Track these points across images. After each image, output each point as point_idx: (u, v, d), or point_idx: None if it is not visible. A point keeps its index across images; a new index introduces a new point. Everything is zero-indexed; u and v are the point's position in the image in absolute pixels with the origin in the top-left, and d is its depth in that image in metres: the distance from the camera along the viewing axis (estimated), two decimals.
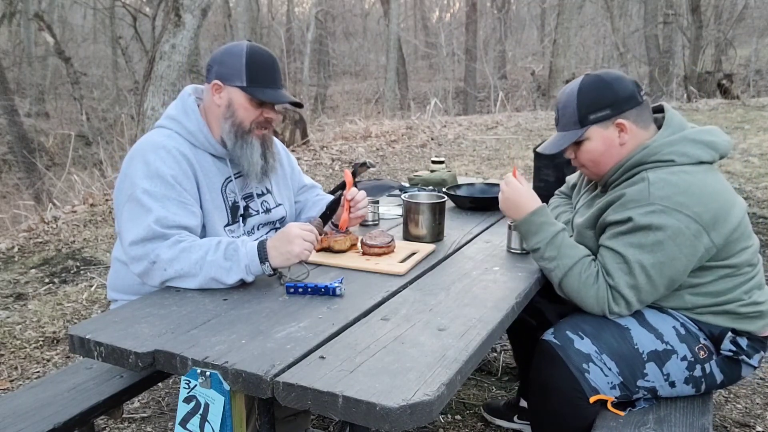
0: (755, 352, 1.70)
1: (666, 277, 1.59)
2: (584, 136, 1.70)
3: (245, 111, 1.79)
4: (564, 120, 1.74)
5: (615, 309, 1.63)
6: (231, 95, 1.79)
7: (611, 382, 1.65)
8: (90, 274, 4.00)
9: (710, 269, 1.64)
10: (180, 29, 6.13)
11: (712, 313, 1.68)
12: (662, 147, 1.64)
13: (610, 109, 1.67)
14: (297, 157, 7.20)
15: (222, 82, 1.78)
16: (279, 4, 25.72)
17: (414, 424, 1.07)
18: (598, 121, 1.68)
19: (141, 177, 1.67)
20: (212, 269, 1.56)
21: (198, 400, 1.27)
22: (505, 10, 22.39)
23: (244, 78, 1.76)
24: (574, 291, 1.64)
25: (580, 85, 1.71)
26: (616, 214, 1.61)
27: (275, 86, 1.80)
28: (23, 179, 11.01)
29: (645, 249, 1.56)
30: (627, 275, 1.59)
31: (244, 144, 1.80)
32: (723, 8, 15.94)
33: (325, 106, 18.19)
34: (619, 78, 1.70)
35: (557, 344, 1.68)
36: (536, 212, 1.71)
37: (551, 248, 1.67)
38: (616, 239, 1.61)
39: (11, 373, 2.83)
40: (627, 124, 1.68)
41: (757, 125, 8.23)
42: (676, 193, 1.56)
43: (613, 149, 1.70)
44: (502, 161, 6.96)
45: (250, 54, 1.78)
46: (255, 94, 1.77)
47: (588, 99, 1.68)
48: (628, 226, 1.58)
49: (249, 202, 1.92)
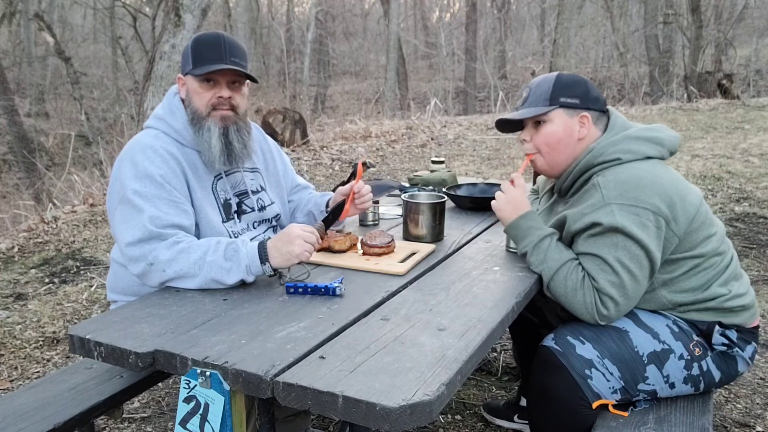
0: (747, 344, 1.72)
1: (645, 269, 1.61)
2: (548, 117, 1.73)
3: (198, 96, 1.77)
4: (533, 97, 1.77)
5: (604, 312, 1.63)
6: (188, 84, 1.80)
7: (613, 386, 1.66)
8: (90, 274, 4.00)
9: (677, 261, 1.66)
10: (180, 29, 6.14)
11: (697, 310, 1.70)
12: (606, 147, 1.68)
13: (580, 101, 1.73)
14: (297, 157, 7.20)
15: (182, 74, 1.80)
16: (279, 4, 25.72)
17: (414, 424, 1.07)
18: (567, 106, 1.73)
19: (130, 178, 1.66)
20: (212, 270, 1.56)
21: (198, 400, 1.27)
22: (505, 10, 22.38)
23: (190, 62, 1.76)
24: (562, 295, 1.65)
25: (559, 74, 1.78)
26: (579, 223, 1.64)
27: (220, 61, 1.73)
28: (23, 179, 11.01)
29: (619, 246, 1.58)
30: (610, 275, 1.60)
31: (201, 129, 1.77)
32: (723, 8, 15.94)
33: (325, 106, 18.19)
34: (592, 83, 1.81)
35: (559, 351, 1.67)
36: (524, 216, 1.74)
37: (537, 252, 1.68)
38: (590, 243, 1.63)
39: (11, 373, 2.83)
40: (589, 120, 1.73)
41: (757, 125, 8.24)
42: (628, 189, 1.59)
43: (570, 140, 1.73)
44: (502, 161, 6.96)
45: (196, 39, 1.78)
46: (195, 72, 1.74)
47: (563, 84, 1.74)
48: (597, 230, 1.61)
49: (243, 200, 1.91)
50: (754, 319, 1.74)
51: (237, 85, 1.81)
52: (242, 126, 1.83)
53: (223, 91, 1.77)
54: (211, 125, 1.76)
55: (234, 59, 1.75)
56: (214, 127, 1.77)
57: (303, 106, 12.78)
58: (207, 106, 1.77)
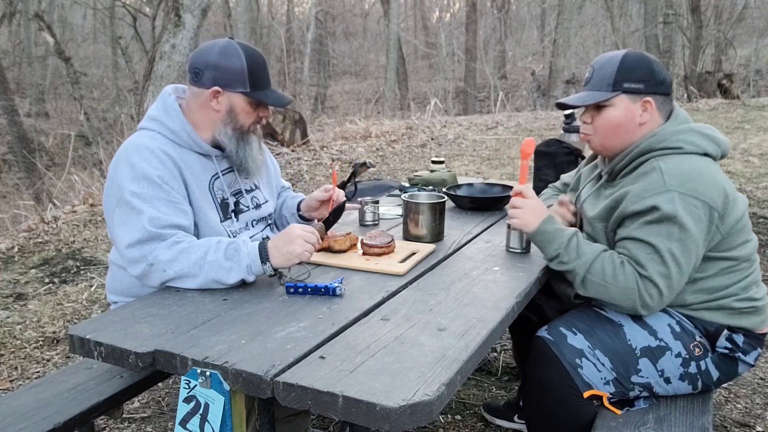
0: (752, 349, 1.71)
1: (691, 264, 1.60)
2: (610, 102, 1.70)
3: (246, 115, 1.81)
4: (596, 79, 1.73)
5: (648, 300, 1.59)
6: (232, 101, 1.79)
7: (605, 377, 1.66)
8: (90, 274, 4.00)
9: (712, 260, 1.64)
10: (180, 29, 6.14)
11: (708, 308, 1.69)
12: (671, 135, 1.66)
13: (645, 85, 1.68)
14: (297, 157, 7.20)
15: (222, 89, 1.77)
16: (279, 4, 25.73)
17: (414, 424, 1.07)
18: (630, 92, 1.69)
19: (128, 180, 1.66)
20: (213, 269, 1.56)
21: (198, 400, 1.27)
22: (505, 10, 22.39)
23: (247, 84, 1.77)
24: (600, 285, 1.62)
25: (625, 53, 1.72)
26: (636, 205, 1.60)
27: (270, 86, 1.84)
28: (23, 179, 11.01)
29: (673, 238, 1.56)
30: (660, 265, 1.57)
31: (245, 144, 1.84)
32: (723, 8, 15.95)
33: (325, 106, 18.19)
34: (660, 63, 1.74)
35: (550, 340, 1.69)
36: (546, 221, 1.72)
37: (569, 250, 1.66)
38: (643, 229, 1.59)
39: (11, 373, 2.83)
40: (652, 105, 1.69)
41: (757, 125, 8.24)
42: (689, 179, 1.57)
43: (631, 125, 1.70)
44: (502, 161, 6.96)
45: (250, 60, 1.78)
46: (259, 98, 1.79)
47: (628, 67, 1.69)
48: (654, 216, 1.57)
49: (239, 198, 1.92)
50: (764, 326, 1.73)
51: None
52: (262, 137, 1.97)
53: (267, 113, 1.89)
54: (253, 140, 1.86)
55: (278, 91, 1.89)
56: (254, 140, 1.86)
57: (303, 106, 12.78)
58: (252, 124, 1.85)
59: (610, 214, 1.70)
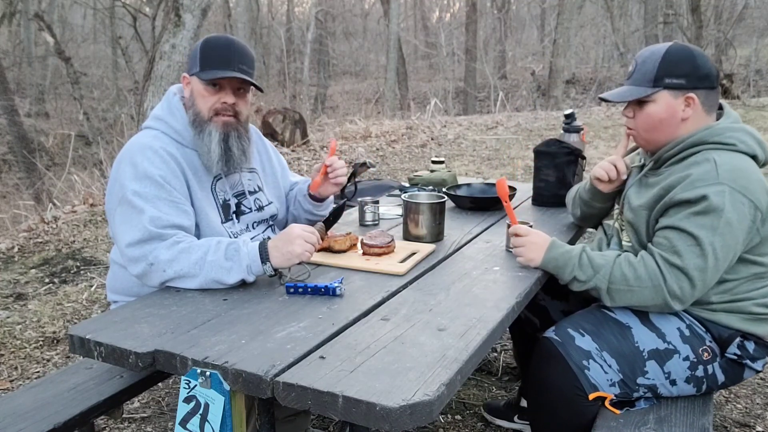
0: (761, 357, 1.69)
1: (728, 260, 1.58)
2: (652, 98, 1.69)
3: (202, 98, 1.77)
4: (638, 74, 1.71)
5: (677, 291, 1.57)
6: (193, 85, 1.80)
7: (611, 379, 1.66)
8: (90, 274, 4.00)
9: (745, 264, 1.63)
10: (180, 29, 6.14)
11: (726, 310, 1.66)
12: (725, 130, 1.65)
13: (687, 80, 1.66)
14: (297, 157, 7.21)
15: (187, 74, 1.80)
16: (279, 4, 25.71)
17: (414, 424, 1.07)
18: (672, 88, 1.67)
19: (130, 179, 1.66)
20: (213, 269, 1.56)
21: (198, 400, 1.27)
22: (505, 10, 22.38)
23: (198, 63, 1.76)
24: (626, 291, 1.61)
25: (669, 48, 1.69)
26: (687, 192, 1.57)
27: (228, 67, 1.75)
28: (23, 179, 11.01)
29: (717, 232, 1.54)
30: (698, 258, 1.55)
31: (201, 133, 1.77)
32: (723, 8, 15.95)
33: (325, 106, 18.18)
34: (705, 56, 1.70)
35: (558, 341, 1.68)
36: (551, 247, 1.71)
37: (584, 268, 1.65)
38: (689, 220, 1.57)
39: (11, 373, 2.83)
40: (695, 101, 1.67)
41: (757, 125, 8.23)
42: (741, 176, 1.57)
43: (673, 120, 1.68)
44: (502, 161, 6.96)
45: (206, 41, 1.79)
46: (202, 76, 1.75)
47: (670, 62, 1.67)
48: (702, 206, 1.55)
49: (241, 200, 1.91)
50: None
51: (242, 92, 1.82)
52: (242, 132, 1.84)
53: (228, 97, 1.78)
54: (212, 130, 1.77)
55: (242, 66, 1.76)
56: (215, 132, 1.77)
57: (303, 106, 12.79)
58: (210, 111, 1.77)
59: (657, 203, 1.67)
